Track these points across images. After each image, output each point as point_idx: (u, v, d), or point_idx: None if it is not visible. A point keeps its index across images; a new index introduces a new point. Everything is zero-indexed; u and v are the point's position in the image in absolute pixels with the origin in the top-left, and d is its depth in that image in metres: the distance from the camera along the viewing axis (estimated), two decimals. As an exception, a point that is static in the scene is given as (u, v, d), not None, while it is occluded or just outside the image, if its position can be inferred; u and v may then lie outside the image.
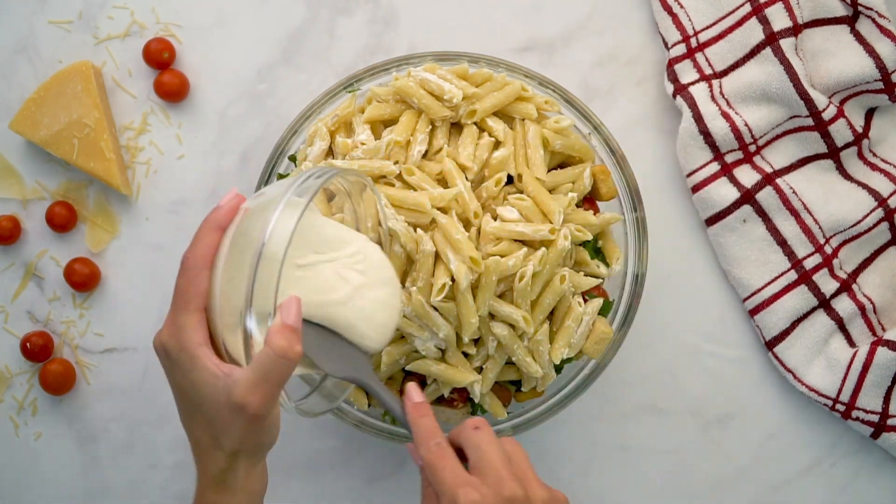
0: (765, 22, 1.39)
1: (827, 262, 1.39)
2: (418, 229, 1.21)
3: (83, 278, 1.41)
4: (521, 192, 1.25)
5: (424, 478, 1.02)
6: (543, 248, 1.22)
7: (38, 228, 1.44)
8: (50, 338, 1.43)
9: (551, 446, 1.44)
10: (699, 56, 1.43)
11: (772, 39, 1.38)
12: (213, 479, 1.04)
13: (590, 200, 1.32)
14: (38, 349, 1.41)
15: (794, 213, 1.39)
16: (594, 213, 1.29)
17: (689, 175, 1.42)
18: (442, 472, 0.99)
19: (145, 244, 1.44)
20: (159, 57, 1.41)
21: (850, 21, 1.40)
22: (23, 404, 1.44)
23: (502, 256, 1.21)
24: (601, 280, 1.30)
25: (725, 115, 1.39)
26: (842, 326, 1.41)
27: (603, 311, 1.31)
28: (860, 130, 1.40)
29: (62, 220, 1.42)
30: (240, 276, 0.99)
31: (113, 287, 1.44)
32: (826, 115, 1.37)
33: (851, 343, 1.41)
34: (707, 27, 1.43)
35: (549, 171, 1.27)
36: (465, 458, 1.01)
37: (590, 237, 1.26)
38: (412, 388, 1.05)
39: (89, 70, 1.39)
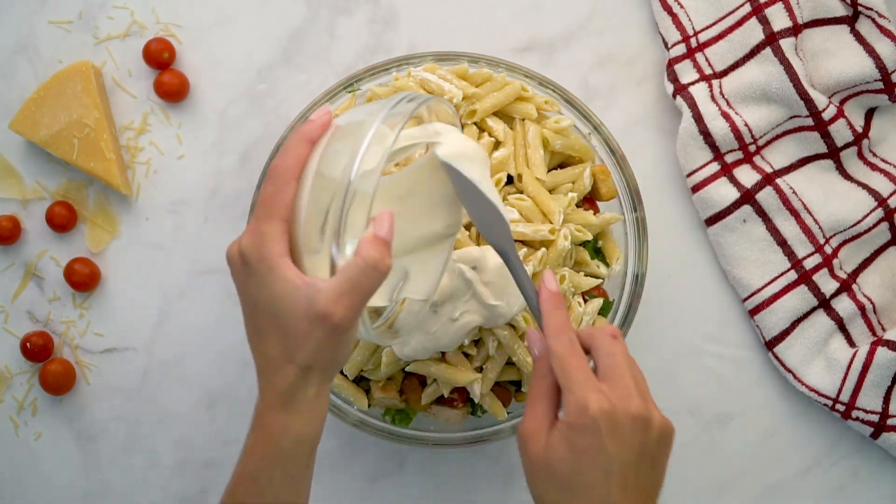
0: (765, 22, 1.39)
1: (827, 262, 1.39)
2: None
3: (83, 278, 1.41)
4: (521, 192, 1.25)
5: (540, 370, 1.01)
6: (543, 249, 1.22)
7: (38, 228, 1.44)
8: (50, 338, 1.42)
9: None
10: (699, 56, 1.43)
11: (772, 39, 1.38)
12: (280, 397, 1.00)
13: (590, 200, 1.32)
14: (38, 349, 1.41)
15: (794, 213, 1.39)
16: (594, 213, 1.29)
17: (689, 175, 1.42)
18: (575, 371, 0.98)
19: (145, 244, 1.44)
20: (159, 57, 1.41)
21: (850, 21, 1.40)
22: (23, 404, 1.44)
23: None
24: (601, 280, 1.31)
25: (725, 115, 1.39)
26: (842, 326, 1.41)
27: (603, 311, 1.31)
28: (860, 130, 1.40)
29: (62, 220, 1.41)
30: (325, 200, 0.97)
31: (113, 287, 1.44)
32: (826, 115, 1.37)
33: (851, 343, 1.41)
34: (707, 27, 1.43)
35: (549, 171, 1.27)
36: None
37: (590, 237, 1.26)
38: (549, 276, 1.04)
39: (89, 70, 1.39)
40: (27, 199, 1.43)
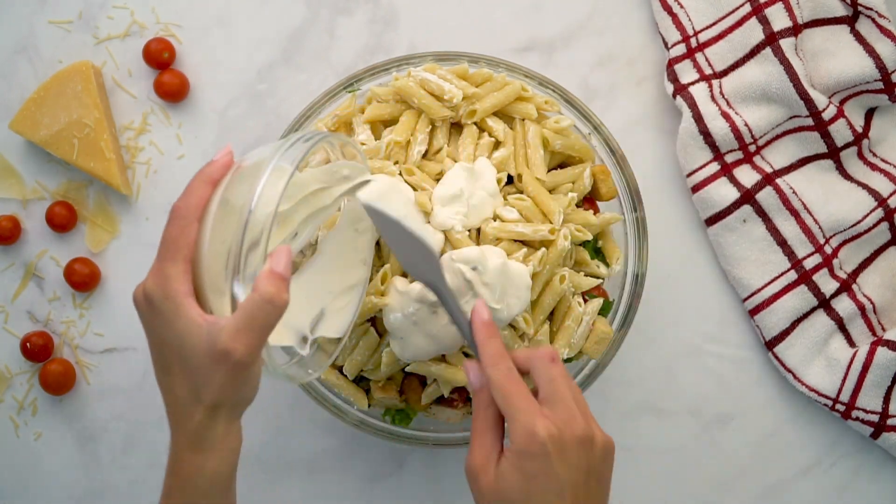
0: (765, 22, 1.39)
1: (827, 262, 1.39)
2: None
3: (83, 278, 1.42)
4: (521, 192, 1.25)
5: (481, 402, 1.03)
6: (543, 249, 1.22)
7: (38, 228, 1.44)
8: (50, 338, 1.43)
9: None
10: (699, 56, 1.43)
11: (772, 39, 1.38)
12: (190, 438, 1.01)
13: (590, 200, 1.32)
14: (38, 349, 1.41)
15: (794, 213, 1.39)
16: (594, 213, 1.29)
17: (689, 175, 1.42)
18: (517, 399, 1.00)
19: (145, 244, 1.45)
20: (159, 57, 1.42)
21: (850, 21, 1.40)
22: (23, 404, 1.44)
23: (502, 257, 1.21)
24: (601, 280, 1.30)
25: (725, 115, 1.39)
26: (842, 326, 1.41)
27: (603, 311, 1.31)
28: (860, 130, 1.40)
29: (62, 220, 1.42)
30: (227, 238, 0.99)
31: (113, 287, 1.44)
32: (826, 115, 1.37)
33: (851, 343, 1.41)
34: (707, 27, 1.43)
35: (549, 171, 1.27)
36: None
37: (590, 237, 1.26)
38: (480, 305, 1.06)
39: (89, 70, 1.40)
40: (27, 199, 1.44)
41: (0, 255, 1.44)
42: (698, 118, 1.40)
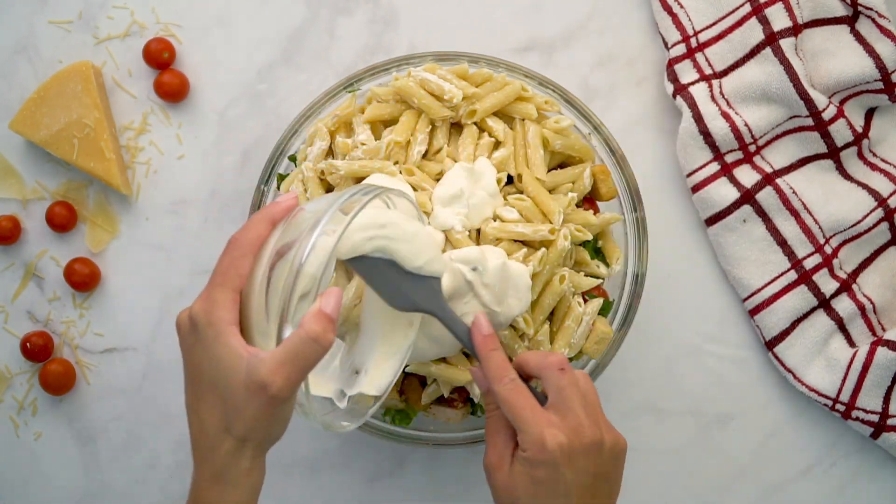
0: (765, 22, 1.39)
1: (827, 262, 1.39)
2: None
3: (83, 278, 1.41)
4: (521, 193, 1.25)
5: (491, 403, 1.06)
6: (543, 249, 1.22)
7: (38, 228, 1.44)
8: (50, 338, 1.42)
9: None
10: (699, 56, 1.43)
11: (772, 39, 1.38)
12: (214, 470, 1.01)
13: (590, 200, 1.32)
14: (38, 349, 1.41)
15: (794, 213, 1.39)
16: (594, 213, 1.29)
17: (689, 175, 1.42)
18: (523, 410, 1.03)
19: (145, 244, 1.44)
20: (159, 57, 1.42)
21: (850, 21, 1.40)
22: (23, 404, 1.44)
23: (502, 257, 1.21)
24: (601, 280, 1.30)
25: (725, 115, 1.39)
26: (842, 326, 1.41)
27: (603, 311, 1.31)
28: (860, 130, 1.40)
29: (62, 220, 1.41)
30: (279, 282, 0.99)
31: (113, 287, 1.44)
32: (826, 115, 1.37)
33: (851, 343, 1.41)
34: (707, 27, 1.43)
35: (549, 171, 1.27)
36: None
37: (590, 237, 1.26)
38: (481, 318, 1.08)
39: (89, 70, 1.39)
40: (27, 199, 1.44)
41: (0, 255, 1.44)
42: (698, 118, 1.40)
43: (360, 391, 1.14)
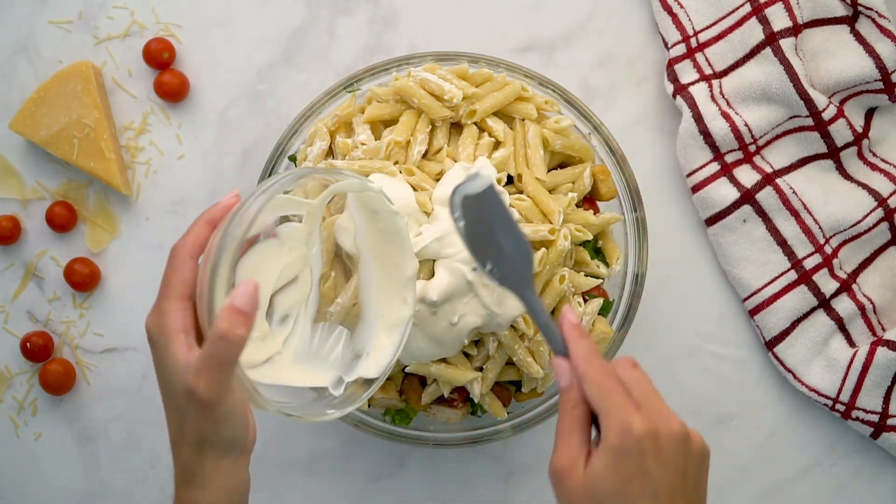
0: (765, 22, 1.39)
1: (827, 262, 1.39)
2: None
3: (83, 278, 1.41)
4: (521, 193, 1.25)
5: (569, 401, 0.99)
6: (543, 249, 1.22)
7: (38, 228, 1.44)
8: (50, 338, 1.42)
9: (551, 446, 1.43)
10: (699, 56, 1.43)
11: (772, 39, 1.38)
12: (181, 473, 1.02)
13: (590, 200, 1.32)
14: (38, 349, 1.41)
15: (794, 213, 1.39)
16: (594, 213, 1.29)
17: (689, 175, 1.42)
18: (614, 395, 0.96)
19: (145, 244, 1.44)
20: (159, 57, 1.41)
21: (850, 21, 1.40)
22: (23, 404, 1.44)
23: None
24: (601, 280, 1.30)
25: (725, 115, 1.39)
26: (842, 326, 1.41)
27: (603, 311, 1.31)
28: (860, 130, 1.40)
29: (62, 220, 1.41)
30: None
31: (113, 287, 1.44)
32: (826, 115, 1.37)
33: (851, 343, 1.41)
34: (707, 27, 1.43)
35: (549, 171, 1.27)
36: None
37: (590, 237, 1.26)
38: (568, 309, 1.02)
39: (89, 70, 1.39)
40: (27, 199, 1.44)
41: (0, 255, 1.44)
42: (698, 118, 1.40)
43: (359, 375, 1.13)
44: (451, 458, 1.44)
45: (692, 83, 1.42)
